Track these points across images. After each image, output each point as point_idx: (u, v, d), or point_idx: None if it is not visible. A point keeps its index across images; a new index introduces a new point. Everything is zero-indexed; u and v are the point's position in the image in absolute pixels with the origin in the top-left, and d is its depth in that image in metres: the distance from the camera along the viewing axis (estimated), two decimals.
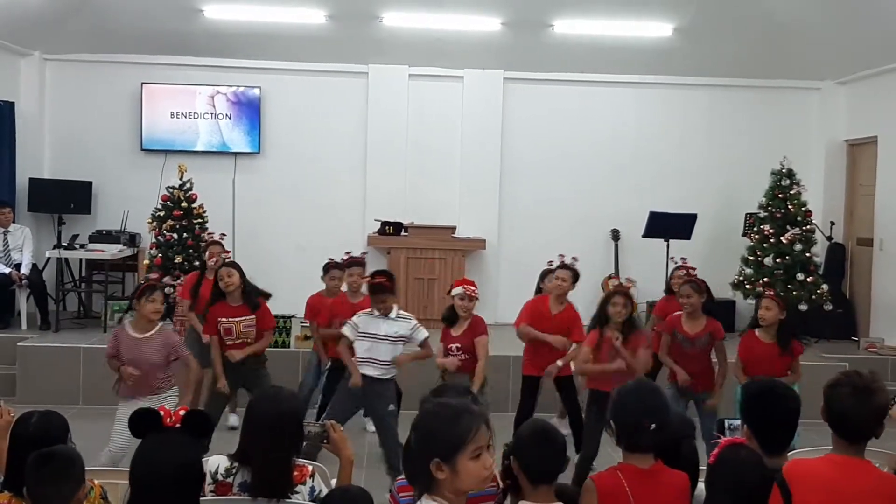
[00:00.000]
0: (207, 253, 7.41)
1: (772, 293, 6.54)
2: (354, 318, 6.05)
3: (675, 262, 8.02)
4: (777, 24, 9.89)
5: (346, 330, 6.04)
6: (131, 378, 5.62)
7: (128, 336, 5.70)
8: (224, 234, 7.82)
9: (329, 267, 7.32)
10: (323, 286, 7.37)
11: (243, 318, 6.33)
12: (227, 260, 6.88)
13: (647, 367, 6.10)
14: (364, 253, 7.14)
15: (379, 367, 5.96)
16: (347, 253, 7.57)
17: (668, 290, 7.57)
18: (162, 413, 2.89)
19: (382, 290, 5.94)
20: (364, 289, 6.55)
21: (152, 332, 5.71)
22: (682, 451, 3.44)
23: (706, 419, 6.13)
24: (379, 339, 5.95)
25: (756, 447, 3.26)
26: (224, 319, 6.32)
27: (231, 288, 6.30)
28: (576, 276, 6.73)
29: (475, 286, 6.35)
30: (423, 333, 6.04)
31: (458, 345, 6.21)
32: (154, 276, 6.74)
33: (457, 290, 6.27)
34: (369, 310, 6.04)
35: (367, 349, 5.96)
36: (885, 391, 3.08)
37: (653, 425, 3.17)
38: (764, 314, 6.22)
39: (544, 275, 7.23)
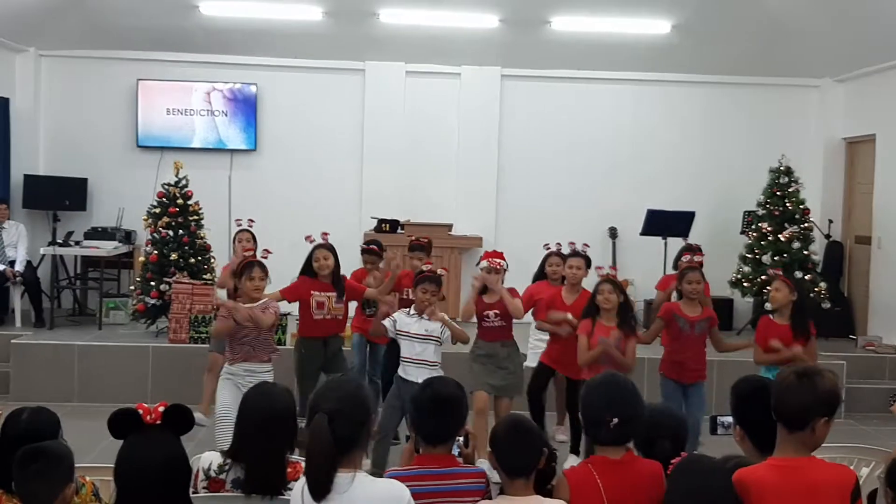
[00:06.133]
0: (236, 240, 7.41)
1: (781, 274, 6.48)
2: (395, 314, 6.07)
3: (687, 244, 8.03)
4: (775, 21, 9.86)
5: (387, 323, 6.04)
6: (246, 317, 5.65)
7: (241, 306, 5.77)
8: (252, 221, 7.56)
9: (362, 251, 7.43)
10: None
11: (335, 294, 6.46)
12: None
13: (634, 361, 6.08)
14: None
15: (417, 367, 5.89)
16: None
17: (675, 267, 7.53)
18: (141, 411, 2.87)
19: (432, 280, 5.97)
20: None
21: (259, 302, 5.81)
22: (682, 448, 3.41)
23: (694, 412, 6.07)
24: (412, 338, 5.93)
25: (750, 447, 3.27)
26: (317, 293, 6.42)
27: (325, 271, 6.44)
28: (588, 262, 6.73)
29: (502, 257, 6.42)
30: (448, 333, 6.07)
31: (496, 311, 6.36)
32: (249, 252, 6.63)
33: (483, 264, 6.42)
34: (406, 309, 6.07)
35: (405, 349, 5.94)
36: (832, 378, 3.00)
37: (615, 419, 3.19)
38: (774, 295, 6.21)
39: (546, 258, 7.19)
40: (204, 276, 8.84)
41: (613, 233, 10.89)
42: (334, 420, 2.86)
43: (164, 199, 9.00)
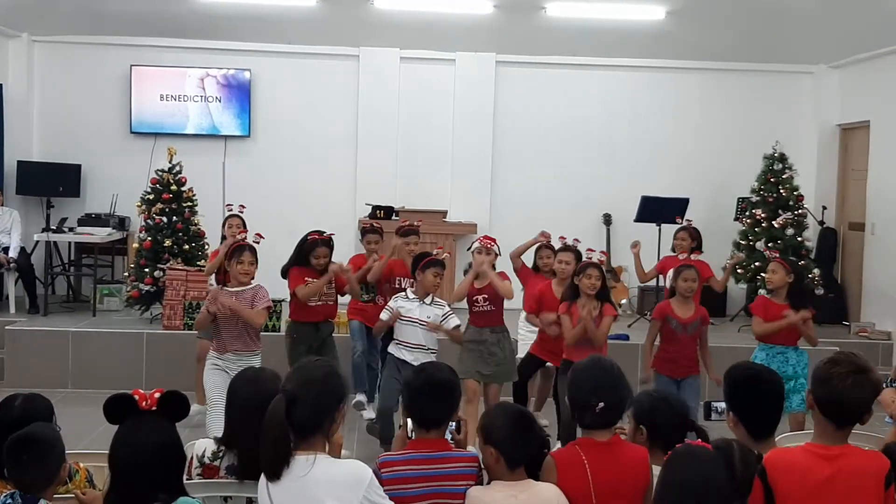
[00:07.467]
0: (226, 225, 7.45)
1: (778, 256, 6.50)
2: (391, 303, 6.20)
3: (681, 223, 8.04)
4: (770, 7, 9.84)
5: (384, 315, 6.20)
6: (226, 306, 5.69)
7: (226, 292, 5.83)
8: (243, 207, 7.65)
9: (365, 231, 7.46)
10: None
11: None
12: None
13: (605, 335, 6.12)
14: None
15: (413, 352, 6.04)
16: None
17: (673, 249, 7.62)
18: (137, 397, 2.87)
19: (441, 264, 6.13)
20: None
21: (248, 287, 5.86)
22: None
23: (688, 402, 6.09)
24: (414, 323, 6.03)
25: (743, 433, 3.27)
26: (310, 279, 6.50)
27: (322, 268, 6.52)
28: (578, 257, 6.68)
29: (493, 240, 6.48)
30: (455, 321, 6.15)
31: (485, 296, 6.38)
32: (241, 235, 6.62)
33: (475, 245, 6.49)
34: (404, 293, 6.21)
35: (404, 334, 6.07)
36: (876, 372, 3.05)
37: (600, 404, 3.23)
38: (770, 277, 6.26)
39: (537, 251, 7.22)
40: (198, 263, 8.83)
41: (608, 219, 10.89)
42: (293, 404, 2.90)
43: (157, 186, 8.99)
